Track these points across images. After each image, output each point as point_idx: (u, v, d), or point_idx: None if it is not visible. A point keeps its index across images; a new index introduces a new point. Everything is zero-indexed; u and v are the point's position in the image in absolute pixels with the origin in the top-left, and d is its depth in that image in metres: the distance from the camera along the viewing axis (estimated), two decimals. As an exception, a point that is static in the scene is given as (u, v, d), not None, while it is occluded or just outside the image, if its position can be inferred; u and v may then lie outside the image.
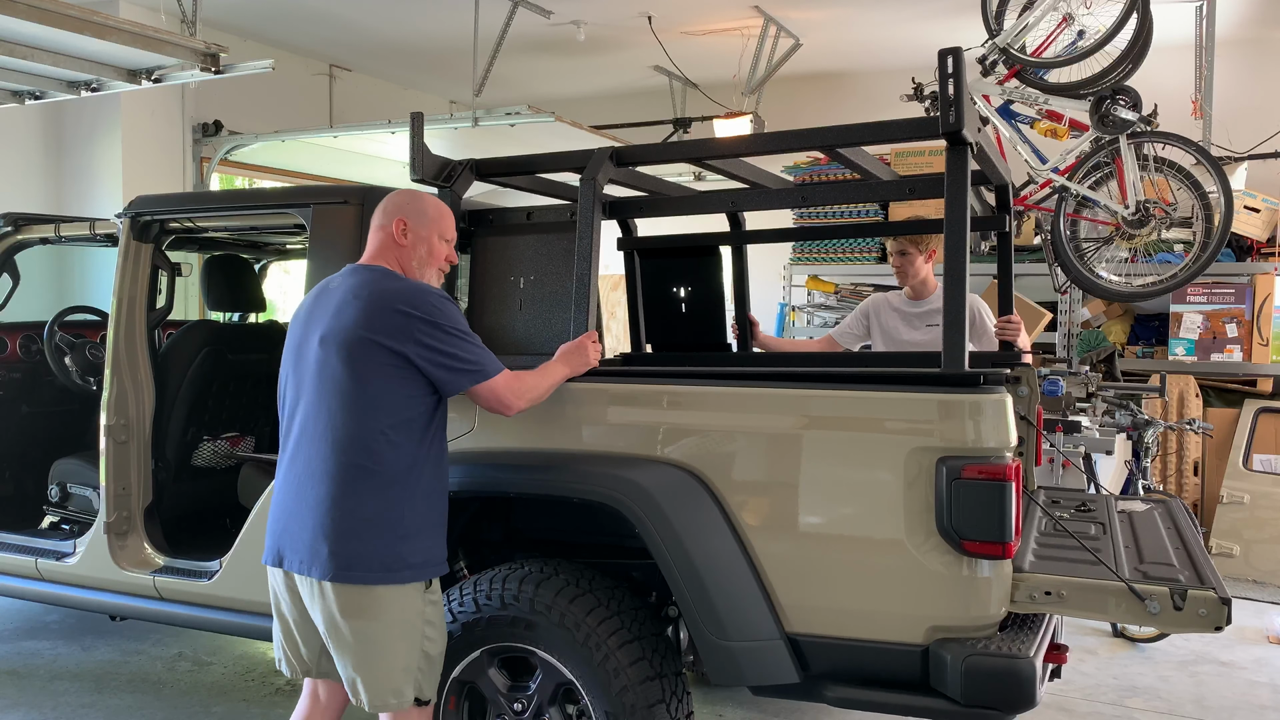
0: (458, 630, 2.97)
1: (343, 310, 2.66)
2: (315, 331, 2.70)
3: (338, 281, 2.79)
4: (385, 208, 2.86)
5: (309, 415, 2.70)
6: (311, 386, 2.70)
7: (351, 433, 2.62)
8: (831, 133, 3.01)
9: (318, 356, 2.67)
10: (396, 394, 2.62)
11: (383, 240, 2.83)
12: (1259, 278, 6.50)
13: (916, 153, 6.96)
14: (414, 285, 2.72)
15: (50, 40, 4.59)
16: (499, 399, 2.72)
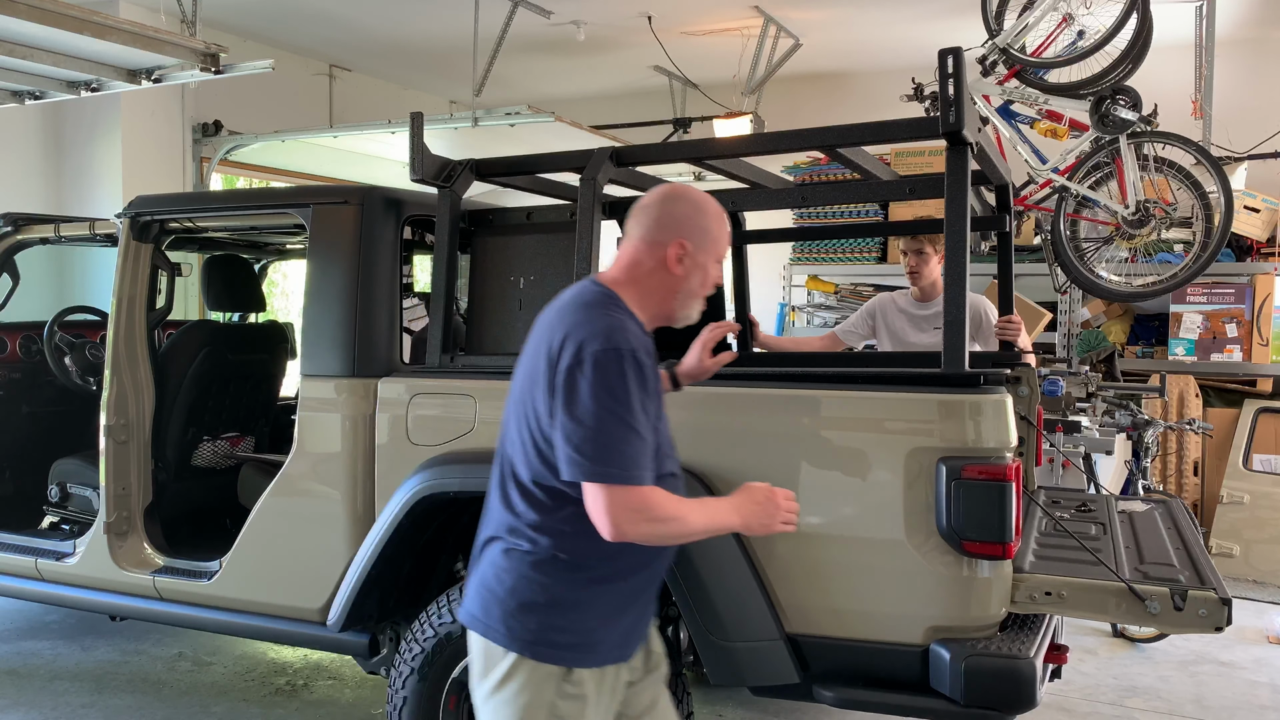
0: (458, 630, 2.97)
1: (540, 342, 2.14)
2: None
3: (565, 293, 2.26)
4: (660, 219, 2.19)
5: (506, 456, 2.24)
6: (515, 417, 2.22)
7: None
8: (831, 133, 3.01)
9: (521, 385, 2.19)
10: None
11: (644, 261, 2.19)
12: (1259, 278, 6.50)
13: (916, 153, 6.96)
14: (613, 326, 2.06)
15: (50, 40, 4.59)
16: (602, 512, 1.98)
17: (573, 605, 2.10)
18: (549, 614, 2.09)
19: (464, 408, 3.14)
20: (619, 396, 1.98)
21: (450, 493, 3.04)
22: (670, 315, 2.26)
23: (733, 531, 2.19)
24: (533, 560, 2.09)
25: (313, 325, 3.41)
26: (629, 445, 1.99)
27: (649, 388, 2.05)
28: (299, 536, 3.41)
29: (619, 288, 2.18)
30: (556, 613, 2.09)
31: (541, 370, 2.06)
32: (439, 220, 3.30)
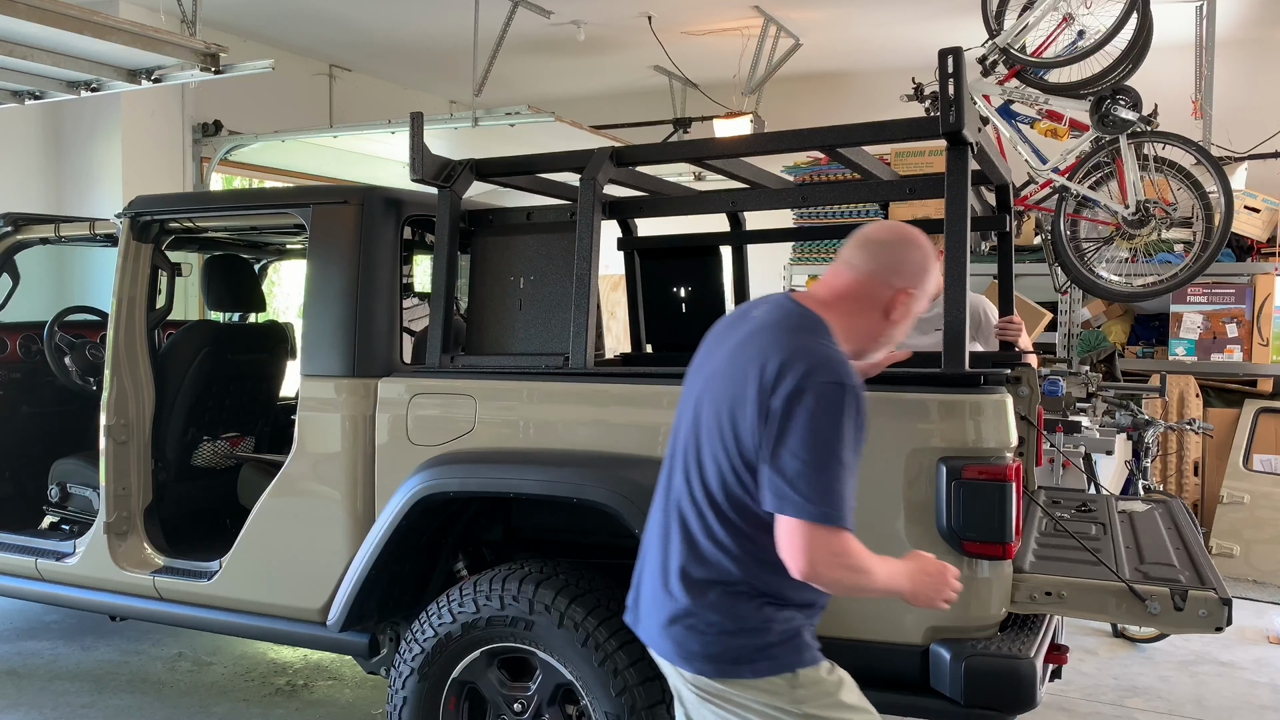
0: (457, 630, 2.97)
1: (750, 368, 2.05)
2: (710, 364, 2.19)
3: (760, 311, 2.18)
4: (898, 263, 2.13)
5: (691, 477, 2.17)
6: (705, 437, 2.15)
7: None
8: (831, 133, 3.01)
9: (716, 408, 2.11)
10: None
11: (864, 297, 2.13)
12: (1259, 278, 6.50)
13: (916, 153, 6.95)
14: (835, 358, 2.00)
15: (50, 40, 4.59)
16: (799, 550, 1.93)
17: (783, 606, 2.09)
18: (781, 622, 2.07)
19: (464, 408, 3.14)
20: (839, 433, 1.92)
21: (450, 493, 3.04)
22: (863, 355, 2.19)
23: (898, 596, 2.10)
24: (744, 591, 2.05)
25: (313, 325, 3.41)
26: (843, 485, 1.92)
27: (863, 425, 1.99)
28: (299, 536, 3.41)
29: (826, 314, 2.09)
30: (784, 618, 2.08)
31: (749, 396, 1.98)
32: (439, 220, 3.30)
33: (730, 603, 2.05)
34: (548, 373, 3.10)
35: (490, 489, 3.05)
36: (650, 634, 2.16)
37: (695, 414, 2.14)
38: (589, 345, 3.05)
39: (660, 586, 2.13)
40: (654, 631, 2.14)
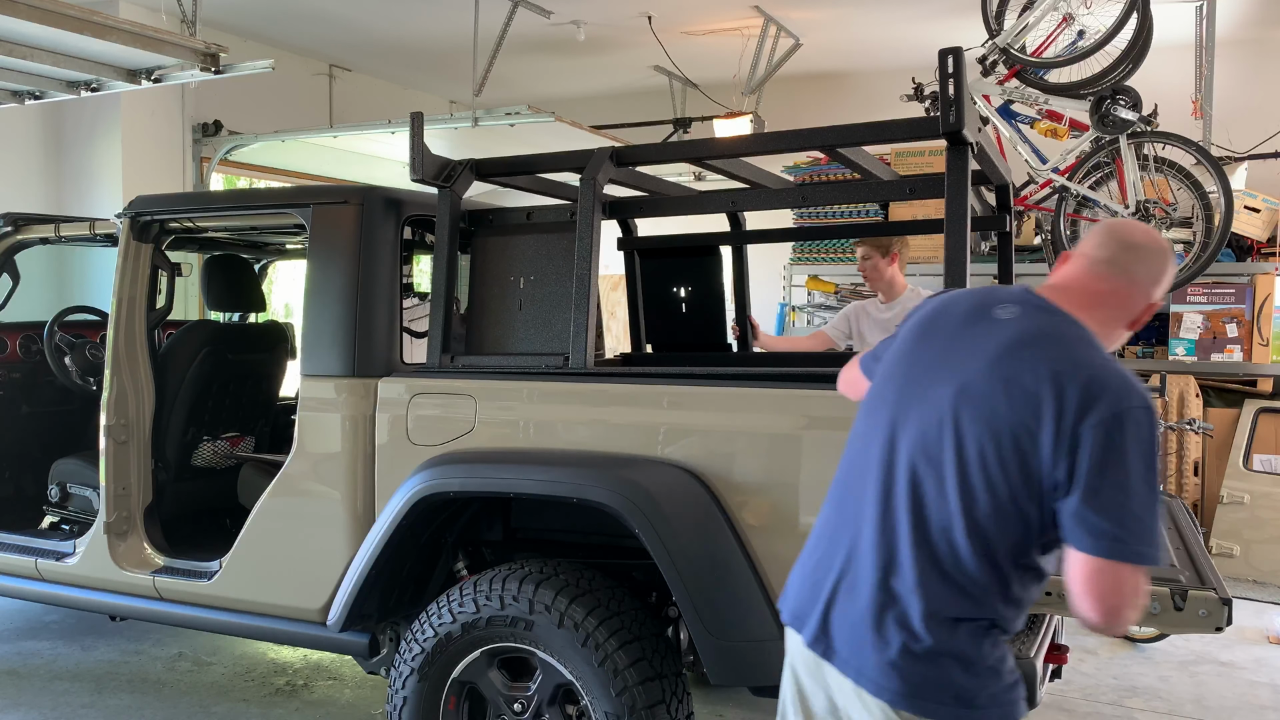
0: (457, 630, 2.97)
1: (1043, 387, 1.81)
2: (953, 371, 1.92)
3: (1012, 313, 1.94)
4: (1153, 274, 1.98)
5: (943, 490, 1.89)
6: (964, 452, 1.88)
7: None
8: (831, 133, 3.01)
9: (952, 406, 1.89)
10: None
11: (1123, 306, 1.97)
12: (1259, 278, 6.50)
13: (916, 153, 6.96)
14: (1133, 377, 1.83)
15: (50, 40, 4.59)
16: (1109, 592, 1.74)
17: (1007, 644, 1.95)
18: (1011, 664, 1.93)
19: (464, 408, 3.14)
20: (1154, 464, 1.75)
21: (450, 493, 3.04)
22: None
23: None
24: (987, 627, 1.89)
25: (313, 325, 3.41)
26: (1158, 521, 1.76)
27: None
28: (299, 536, 3.41)
29: (1084, 320, 1.92)
30: (1011, 661, 1.94)
31: (1045, 423, 1.77)
32: (439, 220, 3.30)
33: (975, 641, 1.87)
34: (548, 373, 3.10)
35: (490, 489, 3.05)
36: (862, 668, 1.91)
37: (932, 430, 1.90)
38: (589, 345, 3.05)
39: (884, 618, 1.89)
40: (870, 666, 1.90)
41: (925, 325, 2.06)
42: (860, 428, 2.07)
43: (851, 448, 2.08)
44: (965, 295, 2.07)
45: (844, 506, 2.04)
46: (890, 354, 2.10)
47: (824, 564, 2.03)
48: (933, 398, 1.92)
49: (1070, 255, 2.06)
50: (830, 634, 1.98)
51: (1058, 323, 1.90)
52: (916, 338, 2.05)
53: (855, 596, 1.95)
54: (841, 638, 1.96)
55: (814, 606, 2.01)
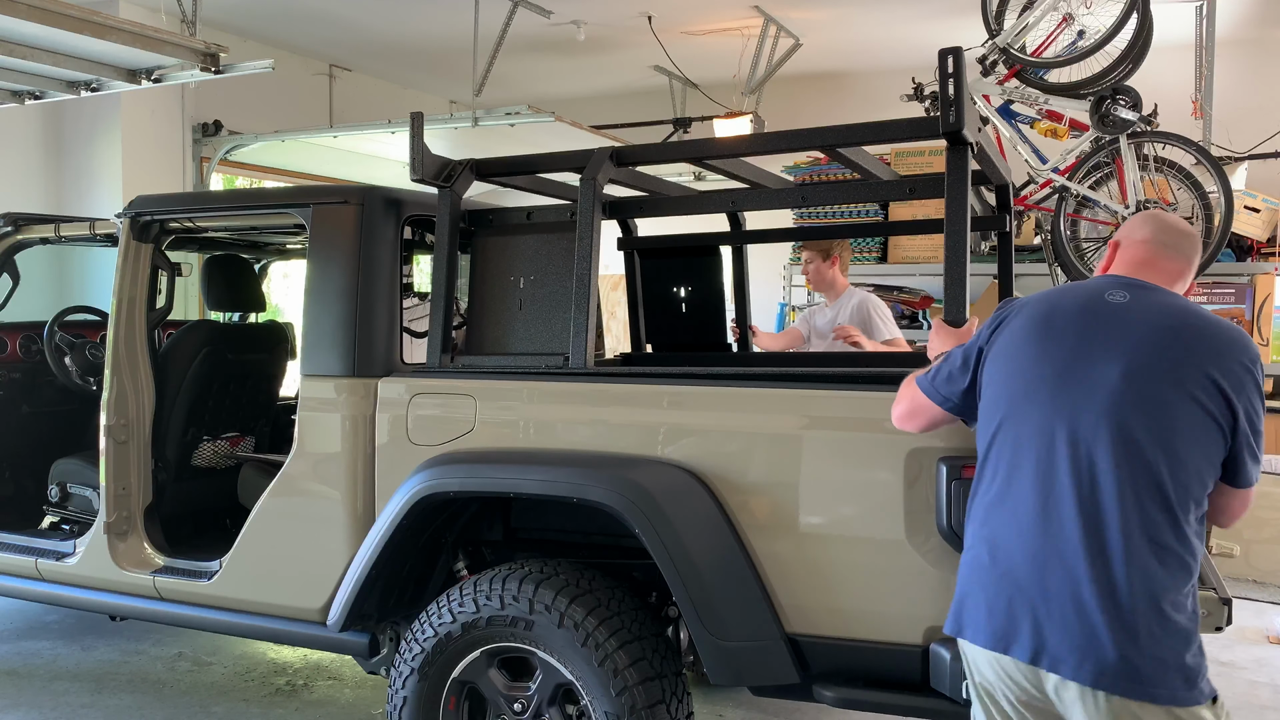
0: (457, 630, 2.97)
1: (1173, 343, 2.01)
2: (1109, 357, 2.02)
3: (1125, 296, 2.10)
4: (1196, 252, 2.26)
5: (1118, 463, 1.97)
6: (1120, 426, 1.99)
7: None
8: (831, 133, 3.01)
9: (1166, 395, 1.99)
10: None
11: (1182, 281, 2.22)
12: (1259, 278, 6.49)
13: (916, 153, 6.96)
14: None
15: (50, 40, 4.59)
16: (1245, 509, 2.18)
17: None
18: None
19: (464, 408, 3.14)
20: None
21: (450, 493, 3.04)
22: None
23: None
24: (1189, 594, 1.97)
25: (313, 325, 3.41)
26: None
27: None
28: (299, 536, 3.41)
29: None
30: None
31: (1212, 373, 1.98)
32: (439, 220, 3.30)
33: (1191, 615, 1.96)
34: (548, 373, 3.10)
35: (490, 489, 3.05)
36: (1125, 670, 1.90)
37: (1113, 413, 1.97)
38: (589, 345, 3.05)
39: (1126, 611, 1.90)
40: (1141, 665, 1.89)
41: (1041, 328, 2.12)
42: (1013, 434, 2.08)
43: (1007, 458, 2.08)
44: (1064, 293, 2.19)
45: (1030, 516, 2.02)
46: (1015, 363, 2.13)
47: (1026, 577, 2.00)
48: (1100, 384, 2.00)
49: (1124, 242, 2.25)
50: (1051, 641, 1.95)
51: (1171, 297, 2.11)
52: (1040, 339, 2.10)
53: (1084, 596, 1.93)
54: (1068, 643, 1.93)
55: (1026, 632, 1.99)
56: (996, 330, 2.21)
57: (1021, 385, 2.10)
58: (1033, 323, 2.13)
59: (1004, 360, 2.16)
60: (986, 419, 2.17)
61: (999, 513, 2.09)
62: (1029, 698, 2.04)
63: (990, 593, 2.05)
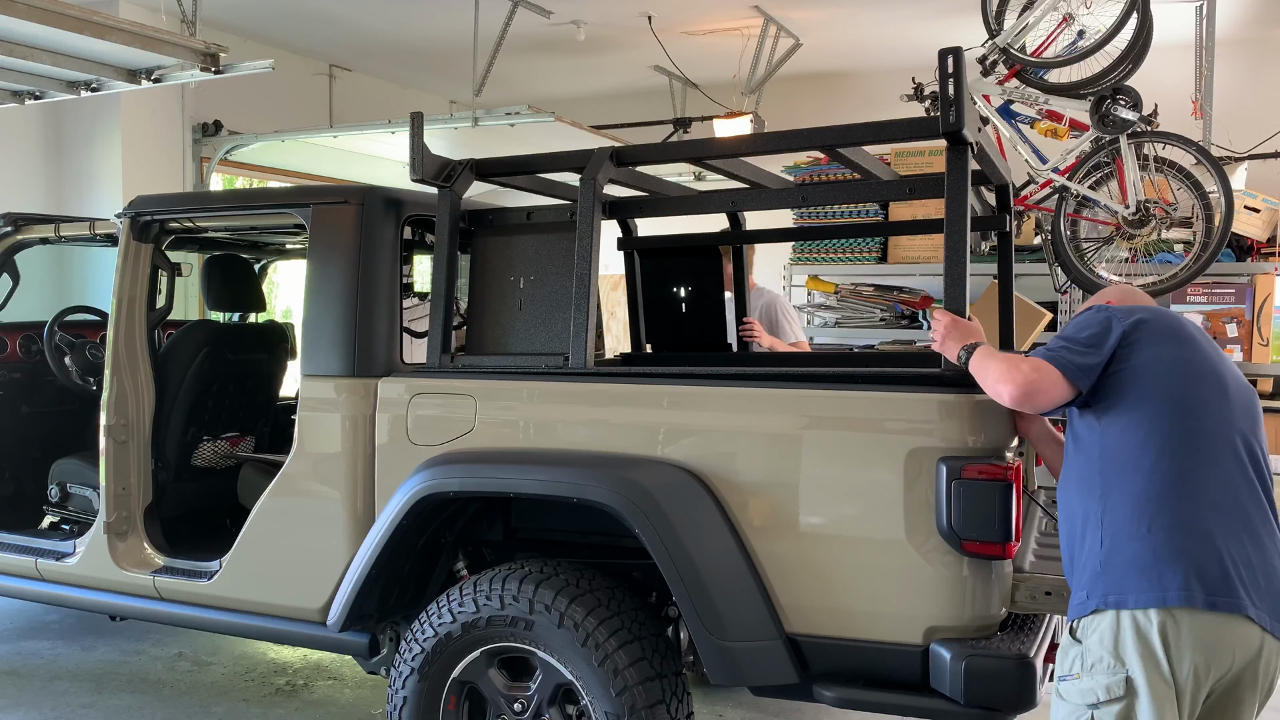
0: (457, 630, 2.97)
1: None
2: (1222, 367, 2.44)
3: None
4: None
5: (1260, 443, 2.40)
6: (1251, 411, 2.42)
7: None
8: (831, 133, 3.01)
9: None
10: None
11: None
12: (1259, 278, 6.48)
13: (916, 153, 6.95)
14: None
15: (50, 40, 4.59)
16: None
17: None
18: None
19: (464, 408, 3.14)
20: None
21: (450, 493, 3.04)
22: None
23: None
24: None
25: (313, 325, 3.41)
26: None
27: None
28: (299, 536, 3.41)
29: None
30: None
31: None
32: (439, 220, 3.30)
33: None
34: (548, 373, 3.10)
35: (490, 489, 3.05)
36: None
37: (1247, 412, 2.37)
38: (589, 345, 3.05)
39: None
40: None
41: (1180, 336, 2.42)
42: (1190, 427, 2.31)
43: (1182, 444, 2.29)
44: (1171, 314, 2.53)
45: (1211, 495, 2.27)
46: (1174, 361, 2.37)
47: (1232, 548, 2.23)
48: (1230, 385, 2.38)
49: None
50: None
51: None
52: (1181, 345, 2.41)
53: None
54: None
55: (1252, 587, 2.21)
56: (1150, 336, 2.41)
57: (1187, 381, 2.37)
58: (1175, 335, 2.43)
59: (1170, 361, 2.39)
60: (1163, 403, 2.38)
61: (1170, 498, 2.31)
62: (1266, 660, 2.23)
63: (1213, 557, 2.23)
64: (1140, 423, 2.31)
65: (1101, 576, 2.24)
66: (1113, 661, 2.19)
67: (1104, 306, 2.50)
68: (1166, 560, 2.19)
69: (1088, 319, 2.46)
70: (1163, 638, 2.15)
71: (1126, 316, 2.42)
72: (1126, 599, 2.19)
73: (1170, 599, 2.16)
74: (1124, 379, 2.35)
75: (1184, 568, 2.18)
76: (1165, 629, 2.16)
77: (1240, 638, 2.17)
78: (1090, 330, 2.42)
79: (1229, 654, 2.17)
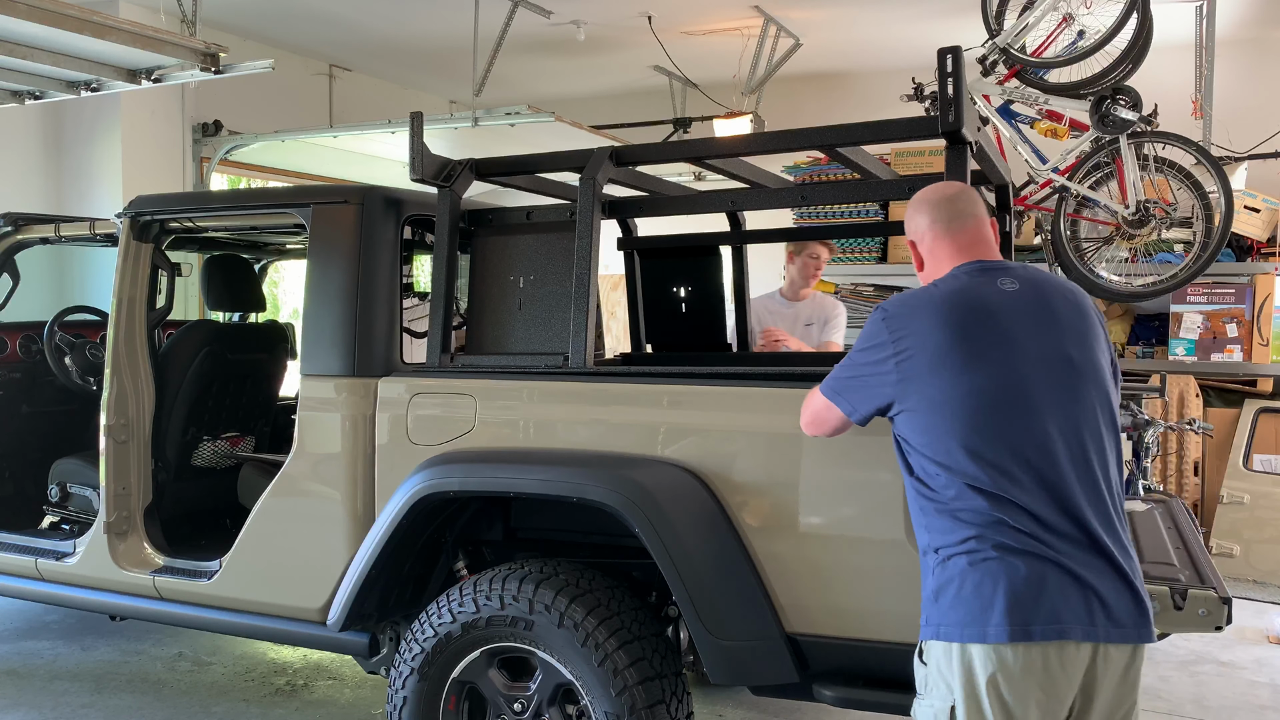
0: (457, 630, 2.97)
1: (1089, 319, 2.31)
2: (1073, 339, 2.24)
3: (1036, 274, 2.33)
4: (976, 200, 2.46)
5: (1103, 444, 2.23)
6: (1099, 401, 2.24)
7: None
8: (831, 133, 3.01)
9: (1092, 373, 2.24)
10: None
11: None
12: (1259, 278, 6.49)
13: (916, 153, 6.95)
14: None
15: (50, 40, 4.59)
16: None
17: None
18: None
19: (464, 408, 3.14)
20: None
21: (450, 492, 3.04)
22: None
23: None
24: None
25: (313, 325, 3.41)
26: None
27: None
28: (299, 536, 3.41)
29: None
30: None
31: (1109, 356, 2.32)
32: (439, 220, 3.30)
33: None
34: (548, 372, 3.10)
35: (490, 488, 3.05)
36: (1140, 627, 2.12)
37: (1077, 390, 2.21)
38: (589, 345, 3.05)
39: (1130, 569, 2.14)
40: (1144, 621, 2.13)
41: (962, 323, 2.22)
42: (989, 435, 2.16)
43: (987, 455, 2.14)
44: (980, 287, 2.28)
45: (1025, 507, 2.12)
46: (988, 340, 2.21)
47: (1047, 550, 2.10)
48: (1038, 354, 2.22)
49: (956, 230, 2.35)
50: (1124, 607, 2.11)
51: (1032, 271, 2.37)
52: (999, 326, 2.23)
53: (1119, 565, 2.12)
54: (1134, 605, 2.12)
55: (1092, 605, 2.09)
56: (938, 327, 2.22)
57: (987, 367, 2.20)
58: (980, 317, 2.23)
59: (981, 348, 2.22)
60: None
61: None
62: (1065, 675, 2.09)
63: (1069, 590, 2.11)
64: (939, 440, 2.18)
65: (934, 605, 2.15)
66: (945, 690, 2.12)
67: (884, 310, 2.29)
68: (986, 591, 2.07)
69: (866, 331, 2.30)
70: (991, 671, 2.05)
71: (898, 326, 2.24)
72: (953, 632, 2.10)
73: (991, 635, 2.05)
74: (910, 391, 2.21)
75: (1005, 597, 2.05)
76: (992, 663, 2.06)
77: (1071, 660, 2.06)
78: (864, 349, 2.31)
79: (1066, 679, 2.07)
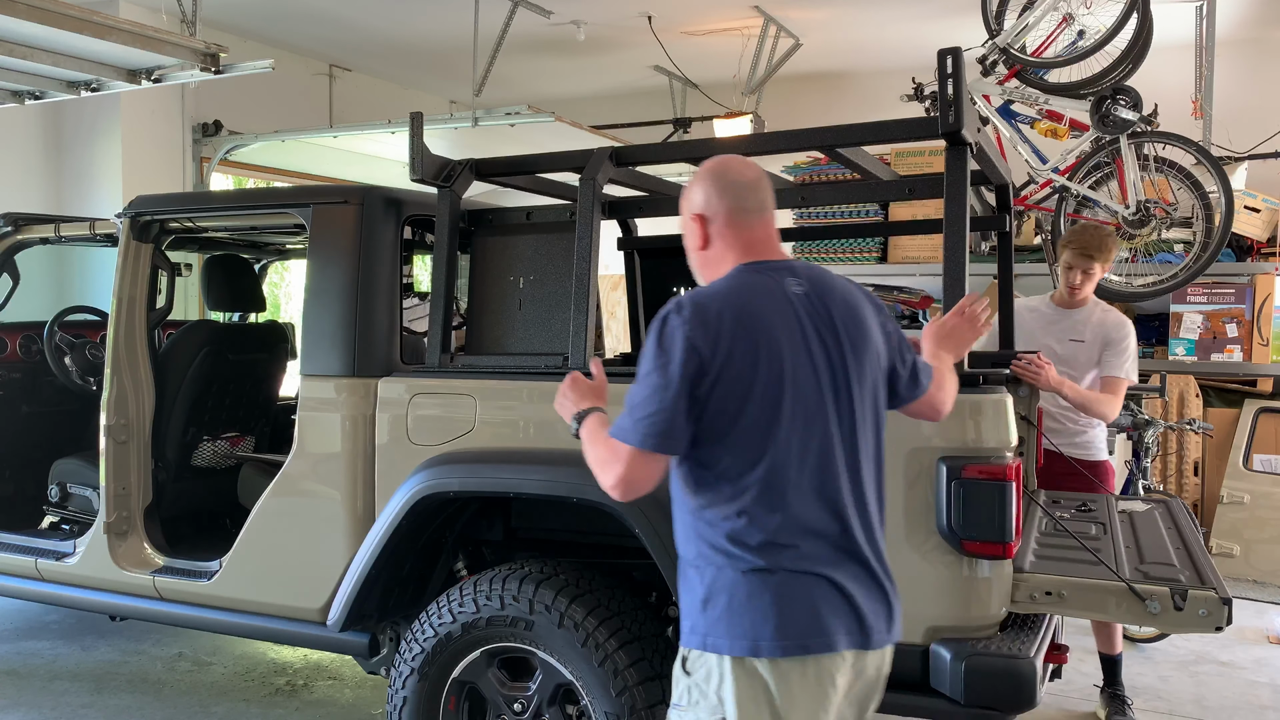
0: (458, 630, 2.97)
1: (872, 315, 2.18)
2: (853, 338, 2.10)
3: (820, 275, 2.17)
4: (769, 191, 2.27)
5: (873, 452, 2.14)
6: (870, 409, 2.13)
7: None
8: (831, 133, 3.01)
9: (870, 373, 2.13)
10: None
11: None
12: (1259, 278, 6.48)
13: (916, 153, 6.95)
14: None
15: (50, 40, 4.59)
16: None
17: None
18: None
19: (464, 408, 3.14)
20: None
21: (450, 492, 3.04)
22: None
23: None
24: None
25: (313, 325, 3.41)
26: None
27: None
28: (299, 536, 3.41)
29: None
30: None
31: (886, 343, 2.20)
32: (439, 220, 3.30)
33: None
34: (548, 373, 3.10)
35: (490, 489, 3.05)
36: (893, 629, 2.13)
37: (836, 397, 2.06)
38: (589, 345, 3.05)
39: (885, 574, 2.10)
40: (894, 624, 2.13)
41: (765, 324, 2.06)
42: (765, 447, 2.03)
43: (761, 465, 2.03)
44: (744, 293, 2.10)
45: (794, 517, 2.04)
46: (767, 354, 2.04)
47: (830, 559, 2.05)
48: (849, 365, 2.13)
49: (754, 222, 2.15)
50: (879, 616, 2.08)
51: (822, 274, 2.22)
52: (772, 333, 2.08)
53: (873, 570, 2.08)
54: (886, 611, 2.10)
55: (850, 615, 2.05)
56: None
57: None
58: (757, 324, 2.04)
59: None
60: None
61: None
62: (854, 679, 2.10)
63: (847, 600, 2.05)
64: (711, 448, 2.06)
65: (703, 615, 2.03)
66: (715, 702, 2.02)
67: (673, 318, 2.05)
68: (759, 603, 1.98)
69: (657, 343, 2.06)
70: (764, 685, 1.98)
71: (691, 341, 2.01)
72: (722, 644, 2.00)
73: (765, 649, 1.97)
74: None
75: (776, 610, 1.97)
76: (766, 676, 1.98)
77: (841, 670, 2.03)
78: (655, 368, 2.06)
79: (835, 689, 2.03)
